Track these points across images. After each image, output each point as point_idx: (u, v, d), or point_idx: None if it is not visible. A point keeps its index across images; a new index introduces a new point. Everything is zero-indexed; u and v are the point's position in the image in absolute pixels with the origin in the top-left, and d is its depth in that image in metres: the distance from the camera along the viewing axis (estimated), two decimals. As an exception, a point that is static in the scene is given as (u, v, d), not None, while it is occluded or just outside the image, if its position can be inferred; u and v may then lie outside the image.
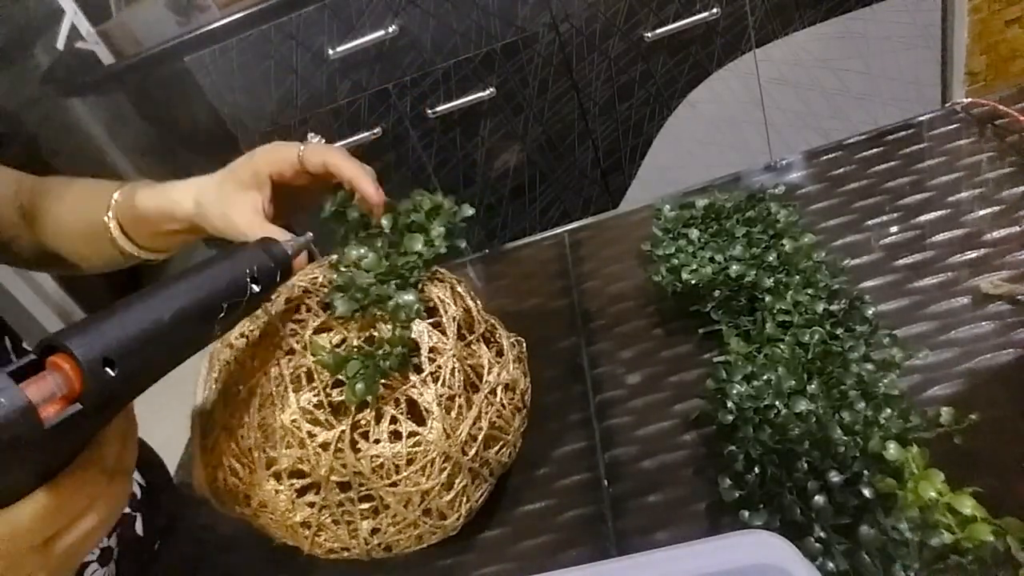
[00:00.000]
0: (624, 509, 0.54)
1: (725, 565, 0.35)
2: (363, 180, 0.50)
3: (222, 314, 0.37)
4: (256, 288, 0.40)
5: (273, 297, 0.51)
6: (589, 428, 0.61)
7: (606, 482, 0.56)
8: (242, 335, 0.51)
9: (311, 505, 0.47)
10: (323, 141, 0.52)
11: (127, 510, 0.63)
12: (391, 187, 0.52)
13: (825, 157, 0.77)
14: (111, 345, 0.31)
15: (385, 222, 0.52)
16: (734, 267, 0.61)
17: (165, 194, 0.55)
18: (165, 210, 0.54)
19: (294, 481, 0.46)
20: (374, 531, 0.48)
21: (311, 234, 0.48)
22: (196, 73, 1.35)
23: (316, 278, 0.51)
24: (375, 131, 1.41)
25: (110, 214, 0.56)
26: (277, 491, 0.46)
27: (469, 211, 0.53)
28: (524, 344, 0.57)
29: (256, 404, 0.46)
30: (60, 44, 1.49)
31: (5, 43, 1.89)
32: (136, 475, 0.66)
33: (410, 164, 1.48)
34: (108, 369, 0.31)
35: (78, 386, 0.30)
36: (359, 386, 0.44)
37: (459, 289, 0.54)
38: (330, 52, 1.31)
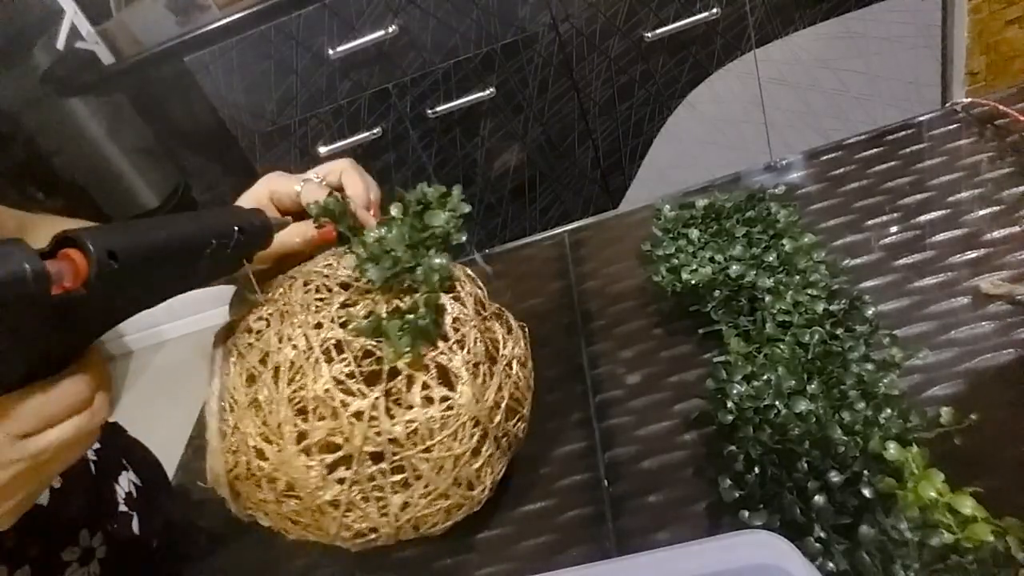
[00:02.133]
0: (624, 509, 0.54)
1: (725, 565, 0.35)
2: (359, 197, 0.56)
3: (210, 249, 0.43)
4: (240, 237, 0.46)
5: (288, 280, 0.51)
6: (589, 428, 0.61)
7: (606, 482, 0.56)
8: (261, 318, 0.51)
9: (341, 482, 0.47)
10: (323, 184, 0.57)
11: (123, 508, 0.63)
12: (391, 187, 0.53)
13: (825, 157, 0.77)
14: (117, 242, 0.36)
15: (395, 211, 0.53)
16: (734, 267, 0.61)
17: None
18: None
19: (324, 456, 0.46)
20: (404, 506, 0.48)
21: (290, 218, 0.54)
22: (196, 73, 1.35)
23: (330, 264, 0.52)
24: (375, 131, 1.41)
25: None
26: (308, 467, 0.46)
27: (466, 208, 0.54)
28: (527, 329, 0.57)
29: (285, 379, 0.46)
30: (60, 44, 1.49)
31: (5, 43, 1.89)
32: (131, 475, 0.67)
33: (410, 164, 1.48)
34: (112, 261, 0.35)
35: (83, 278, 0.35)
36: (404, 339, 0.45)
37: (470, 272, 0.56)
38: (330, 52, 1.31)
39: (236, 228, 0.46)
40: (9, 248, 0.31)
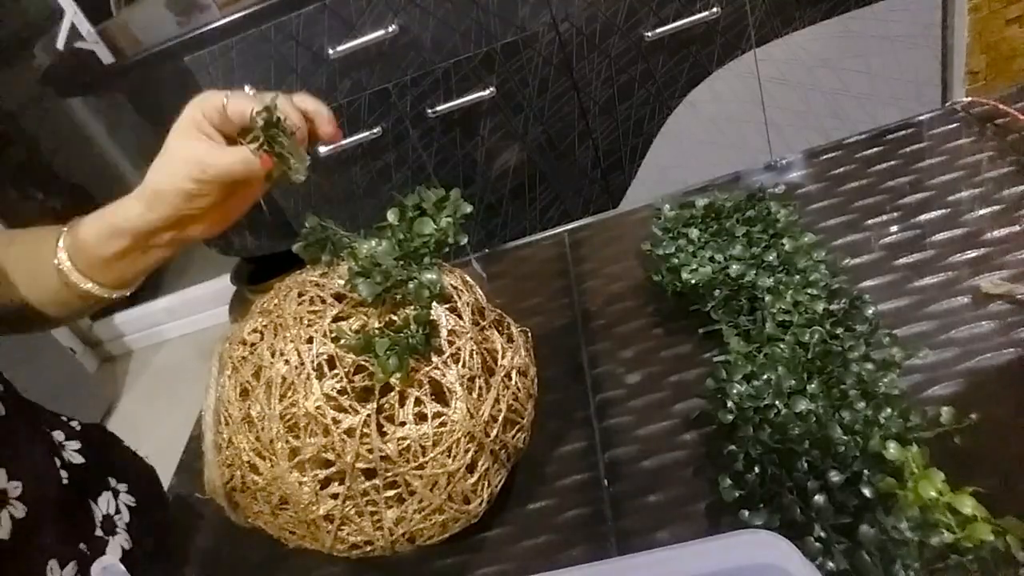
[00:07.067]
0: (624, 509, 0.54)
1: (725, 565, 0.35)
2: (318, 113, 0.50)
3: None
4: None
5: (284, 290, 0.51)
6: (589, 428, 0.61)
7: (606, 482, 0.56)
8: (255, 331, 0.51)
9: (335, 497, 0.47)
10: (254, 93, 0.50)
11: (99, 534, 0.56)
12: (392, 187, 0.52)
13: (825, 157, 0.77)
14: None
15: (391, 216, 0.53)
16: (734, 267, 0.61)
17: (108, 209, 0.52)
18: (108, 224, 0.51)
19: (317, 472, 0.46)
20: (398, 520, 0.48)
21: None
22: (196, 73, 1.35)
23: (325, 272, 0.52)
24: (375, 131, 1.41)
25: (60, 248, 0.52)
26: (301, 483, 0.46)
27: (467, 208, 0.53)
28: (530, 334, 0.57)
29: (277, 395, 0.46)
30: (60, 44, 1.49)
31: (5, 43, 1.89)
32: (119, 495, 0.61)
33: (410, 164, 1.48)
34: None
35: None
36: (392, 360, 0.44)
37: (468, 279, 0.55)
38: (330, 52, 1.31)
39: None
40: None
